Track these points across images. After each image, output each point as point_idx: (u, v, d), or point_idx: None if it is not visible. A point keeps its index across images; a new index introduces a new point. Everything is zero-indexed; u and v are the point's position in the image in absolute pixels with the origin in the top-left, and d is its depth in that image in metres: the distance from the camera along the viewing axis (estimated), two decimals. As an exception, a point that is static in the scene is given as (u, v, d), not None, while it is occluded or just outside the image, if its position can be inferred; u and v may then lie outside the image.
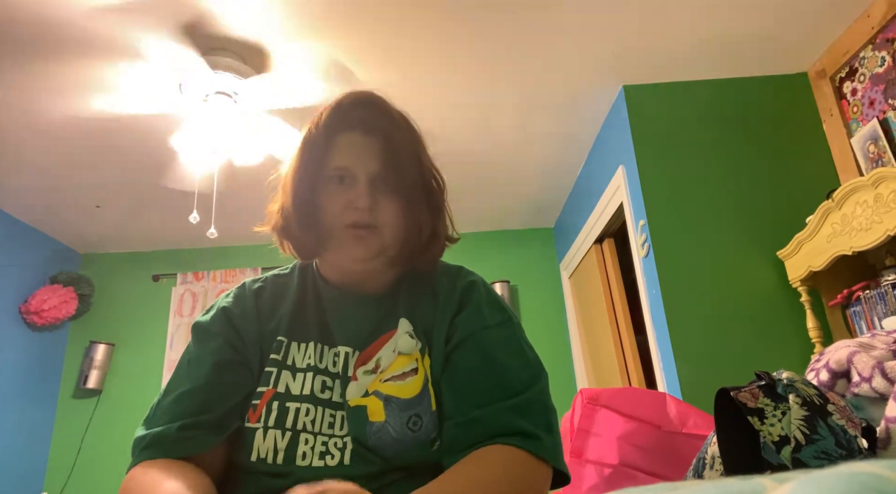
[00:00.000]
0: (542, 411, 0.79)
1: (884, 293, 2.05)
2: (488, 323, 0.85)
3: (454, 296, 0.88)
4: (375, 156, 0.87)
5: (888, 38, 2.26)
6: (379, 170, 0.86)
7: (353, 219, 0.84)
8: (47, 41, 2.25)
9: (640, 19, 2.33)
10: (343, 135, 0.88)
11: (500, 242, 4.27)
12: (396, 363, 0.83)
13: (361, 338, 0.86)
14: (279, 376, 0.83)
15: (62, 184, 3.31)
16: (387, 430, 0.78)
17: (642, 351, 3.02)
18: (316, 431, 0.79)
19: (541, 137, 3.16)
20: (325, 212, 0.86)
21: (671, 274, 2.46)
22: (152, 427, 0.79)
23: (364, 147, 0.87)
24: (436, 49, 2.44)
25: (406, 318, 0.87)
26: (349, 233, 0.85)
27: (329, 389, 0.83)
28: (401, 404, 0.80)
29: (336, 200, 0.86)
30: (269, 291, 0.92)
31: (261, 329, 0.87)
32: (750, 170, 2.60)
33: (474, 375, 0.80)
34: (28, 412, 3.70)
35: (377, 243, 0.85)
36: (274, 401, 0.80)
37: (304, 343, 0.86)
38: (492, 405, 0.77)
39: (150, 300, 4.17)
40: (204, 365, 0.83)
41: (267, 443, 0.78)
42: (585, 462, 1.43)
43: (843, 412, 0.75)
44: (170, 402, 0.81)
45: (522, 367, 0.82)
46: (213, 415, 0.79)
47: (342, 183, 0.86)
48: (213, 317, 0.88)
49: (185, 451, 0.76)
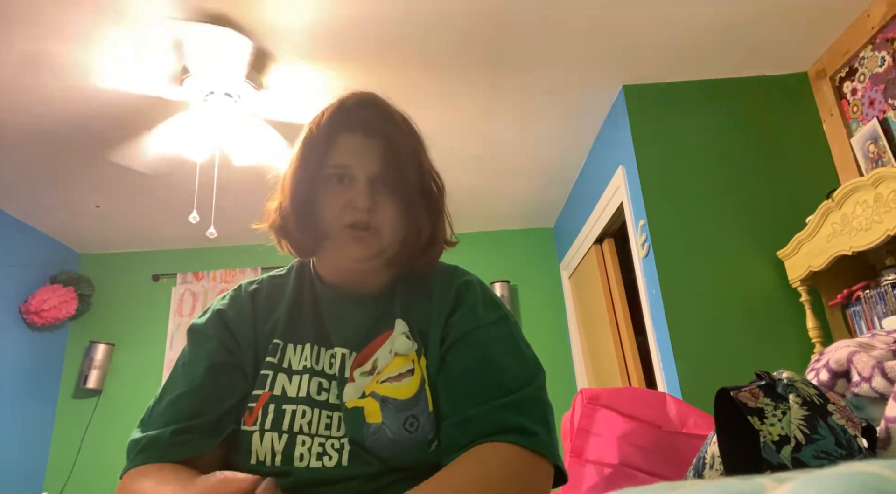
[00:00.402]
0: (539, 408, 0.78)
1: (884, 293, 2.05)
2: (483, 322, 0.85)
3: (449, 296, 0.87)
4: (376, 157, 0.87)
5: (888, 37, 2.26)
6: (379, 172, 0.86)
7: (351, 220, 0.84)
8: (47, 25, 2.25)
9: (640, 18, 2.33)
10: (344, 135, 0.88)
11: (500, 242, 4.27)
12: (393, 364, 0.82)
13: (358, 339, 0.86)
14: (275, 379, 0.82)
15: (62, 184, 3.31)
16: (384, 432, 0.78)
17: (642, 350, 3.02)
18: (313, 432, 0.79)
19: (541, 137, 3.16)
20: (323, 211, 0.86)
21: (671, 274, 2.46)
22: (147, 430, 0.80)
23: (364, 148, 0.87)
24: (436, 51, 2.44)
25: (402, 319, 0.87)
26: (348, 233, 0.85)
27: (325, 391, 0.83)
28: (397, 405, 0.79)
29: (335, 200, 0.86)
30: (266, 293, 0.92)
31: (256, 331, 0.87)
32: (750, 170, 2.60)
33: (470, 374, 0.80)
34: (28, 412, 3.71)
35: (375, 244, 0.85)
36: (270, 404, 0.80)
37: (301, 344, 0.86)
38: (488, 403, 0.76)
39: (149, 300, 4.17)
40: (198, 367, 0.83)
41: (265, 446, 0.78)
42: (585, 461, 1.43)
43: (843, 412, 0.75)
44: (165, 405, 0.81)
45: (519, 365, 0.82)
46: (208, 418, 0.79)
47: (341, 182, 0.86)
48: (208, 320, 0.88)
49: (179, 455, 0.76)
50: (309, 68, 2.50)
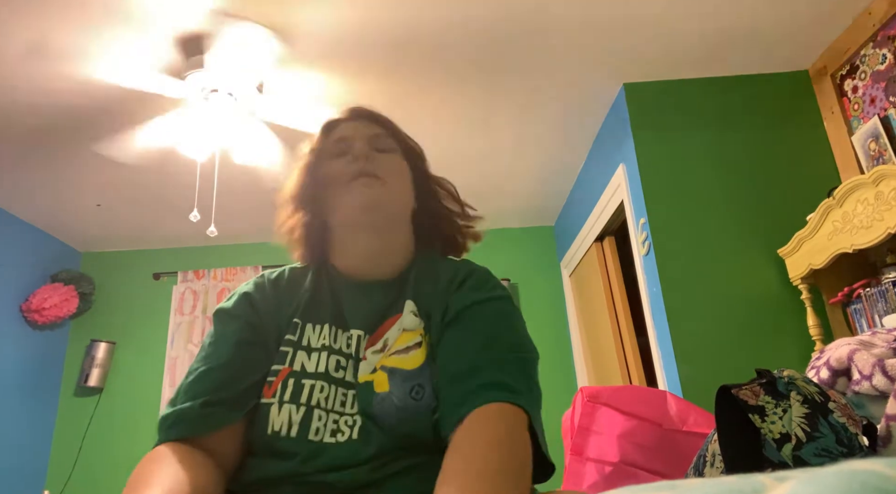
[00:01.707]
0: (523, 371, 0.80)
1: (884, 291, 2.05)
2: (480, 298, 0.88)
3: (455, 281, 0.91)
4: (373, 127, 0.97)
5: (889, 35, 2.25)
6: (376, 134, 0.95)
7: (354, 170, 0.90)
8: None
9: (640, 17, 2.33)
10: (340, 124, 0.98)
11: (501, 241, 4.27)
12: (401, 339, 0.86)
13: (372, 322, 0.89)
14: (295, 355, 0.86)
15: (62, 183, 3.32)
16: (390, 399, 0.81)
17: (643, 348, 3.02)
18: (329, 408, 0.82)
19: (541, 135, 3.16)
20: (329, 184, 0.92)
21: (672, 272, 2.46)
22: (175, 405, 0.82)
23: (361, 125, 0.97)
24: (436, 55, 2.44)
25: (411, 300, 0.90)
26: (353, 183, 0.90)
27: (343, 369, 0.86)
28: (404, 375, 0.83)
29: (337, 165, 0.92)
30: (288, 280, 0.96)
31: (280, 313, 0.91)
32: (750, 167, 2.60)
33: (464, 344, 0.83)
34: (29, 410, 3.71)
35: (380, 188, 0.90)
36: (290, 378, 0.83)
37: (319, 325, 0.89)
38: (477, 361, 0.79)
39: (150, 298, 4.17)
40: (225, 344, 0.86)
41: (282, 417, 0.80)
42: (586, 460, 1.43)
43: (843, 410, 0.75)
44: (192, 381, 0.83)
45: (512, 336, 0.85)
46: (233, 392, 0.81)
47: (343, 155, 0.93)
48: (235, 302, 0.92)
49: (206, 427, 0.78)
50: (310, 73, 2.49)
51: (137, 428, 3.77)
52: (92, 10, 2.12)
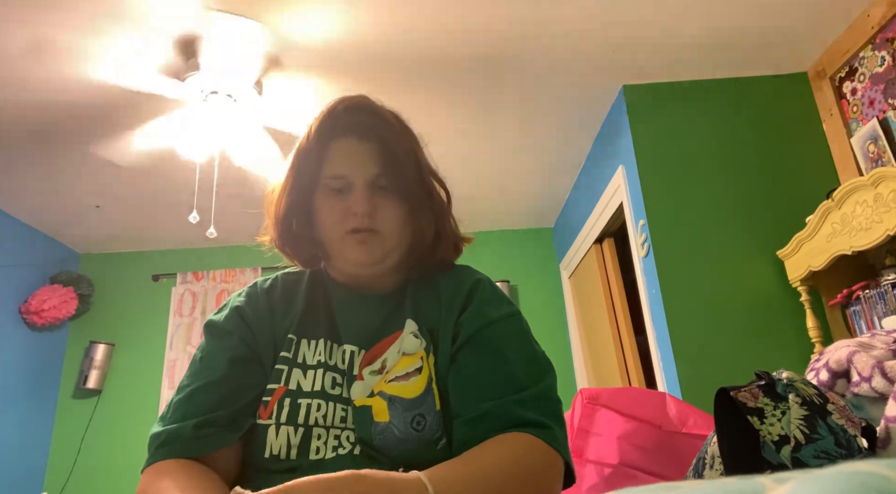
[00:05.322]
0: (551, 404, 0.79)
1: (883, 292, 2.05)
2: (493, 318, 0.85)
3: (459, 296, 0.87)
4: (372, 161, 0.86)
5: (888, 37, 2.26)
6: (377, 174, 0.85)
7: (353, 225, 0.84)
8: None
9: (639, 20, 2.33)
10: (337, 141, 0.87)
11: (500, 242, 4.26)
12: (401, 363, 0.82)
13: (367, 337, 0.86)
14: (290, 373, 0.83)
15: (62, 184, 3.31)
16: (391, 431, 0.78)
17: (642, 350, 3.02)
18: (328, 425, 0.79)
19: (541, 137, 3.16)
20: (323, 222, 0.87)
21: (671, 274, 2.46)
22: (167, 424, 0.79)
23: (360, 153, 0.86)
24: (437, 59, 2.44)
25: (411, 318, 0.87)
26: (350, 238, 0.85)
27: (339, 385, 0.83)
28: (404, 404, 0.79)
29: (334, 209, 0.86)
30: (281, 290, 0.92)
31: (274, 327, 0.87)
32: (750, 169, 2.60)
33: (482, 372, 0.80)
34: (28, 412, 3.70)
35: (379, 246, 0.85)
36: (286, 398, 0.80)
37: (314, 340, 0.86)
38: (502, 399, 0.76)
39: (149, 300, 4.17)
40: (218, 361, 0.83)
41: (280, 440, 0.78)
42: (585, 461, 1.43)
43: (842, 411, 0.75)
44: (184, 399, 0.80)
45: (530, 362, 0.82)
46: (228, 412, 0.79)
47: (340, 192, 0.86)
48: (227, 316, 0.88)
49: (200, 449, 0.76)
50: (310, 78, 2.49)
51: (136, 430, 3.76)
52: (92, 11, 2.12)
